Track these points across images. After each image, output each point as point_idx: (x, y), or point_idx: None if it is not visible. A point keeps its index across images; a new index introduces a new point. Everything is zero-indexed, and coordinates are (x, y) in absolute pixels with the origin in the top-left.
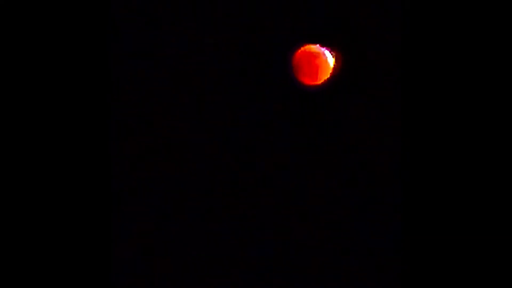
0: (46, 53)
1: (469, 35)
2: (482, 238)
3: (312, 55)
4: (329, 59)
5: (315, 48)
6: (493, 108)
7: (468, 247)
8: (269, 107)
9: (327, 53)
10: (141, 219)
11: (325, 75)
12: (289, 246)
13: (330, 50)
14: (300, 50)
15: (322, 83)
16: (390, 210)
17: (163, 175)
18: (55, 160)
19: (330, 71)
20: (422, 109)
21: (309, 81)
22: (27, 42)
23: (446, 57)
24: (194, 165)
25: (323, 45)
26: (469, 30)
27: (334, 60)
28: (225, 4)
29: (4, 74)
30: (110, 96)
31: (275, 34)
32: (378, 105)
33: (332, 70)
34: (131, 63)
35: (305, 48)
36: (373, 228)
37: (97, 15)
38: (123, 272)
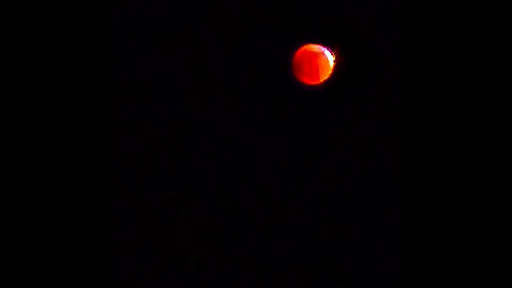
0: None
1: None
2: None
3: (312, 55)
4: (329, 59)
5: (315, 48)
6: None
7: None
8: (269, 107)
9: (328, 53)
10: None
11: (325, 75)
12: (288, 246)
13: (330, 50)
14: (301, 49)
15: (322, 83)
16: (390, 210)
17: (163, 174)
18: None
19: (330, 71)
20: (423, 109)
21: (309, 81)
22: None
23: (446, 57)
24: (194, 164)
25: (323, 45)
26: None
27: (334, 60)
28: (225, 4)
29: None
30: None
31: (275, 34)
32: (378, 105)
33: (332, 70)
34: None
35: (305, 47)
36: (372, 228)
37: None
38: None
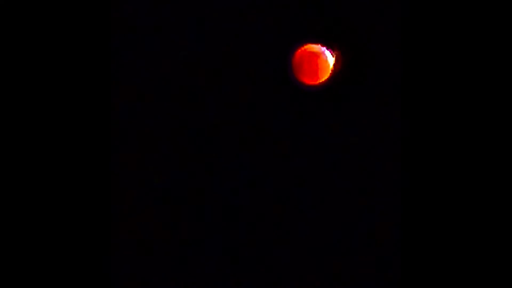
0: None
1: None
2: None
3: (312, 55)
4: (329, 59)
5: (315, 47)
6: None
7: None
8: (269, 107)
9: (328, 52)
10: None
11: (325, 75)
12: (288, 246)
13: (330, 50)
14: (301, 49)
15: (322, 83)
16: (390, 210)
17: (164, 174)
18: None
19: (330, 71)
20: (423, 109)
21: (309, 81)
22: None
23: (447, 57)
24: (194, 164)
25: (323, 45)
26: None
27: (334, 60)
28: (225, 3)
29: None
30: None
31: (275, 34)
32: (378, 105)
33: (332, 70)
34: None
35: (305, 47)
36: (372, 228)
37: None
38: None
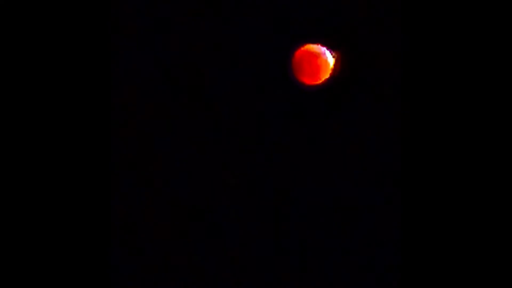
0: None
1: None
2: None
3: (312, 55)
4: (329, 59)
5: (315, 47)
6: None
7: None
8: (269, 107)
9: (327, 53)
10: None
11: (325, 75)
12: (288, 246)
13: (330, 50)
14: (301, 49)
15: (322, 83)
16: (390, 210)
17: (164, 174)
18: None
19: (330, 71)
20: (423, 109)
21: (309, 81)
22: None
23: (447, 57)
24: (194, 164)
25: (323, 45)
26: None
27: (334, 60)
28: (225, 3)
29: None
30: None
31: (275, 34)
32: (378, 105)
33: (332, 70)
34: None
35: (305, 47)
36: (372, 228)
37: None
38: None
